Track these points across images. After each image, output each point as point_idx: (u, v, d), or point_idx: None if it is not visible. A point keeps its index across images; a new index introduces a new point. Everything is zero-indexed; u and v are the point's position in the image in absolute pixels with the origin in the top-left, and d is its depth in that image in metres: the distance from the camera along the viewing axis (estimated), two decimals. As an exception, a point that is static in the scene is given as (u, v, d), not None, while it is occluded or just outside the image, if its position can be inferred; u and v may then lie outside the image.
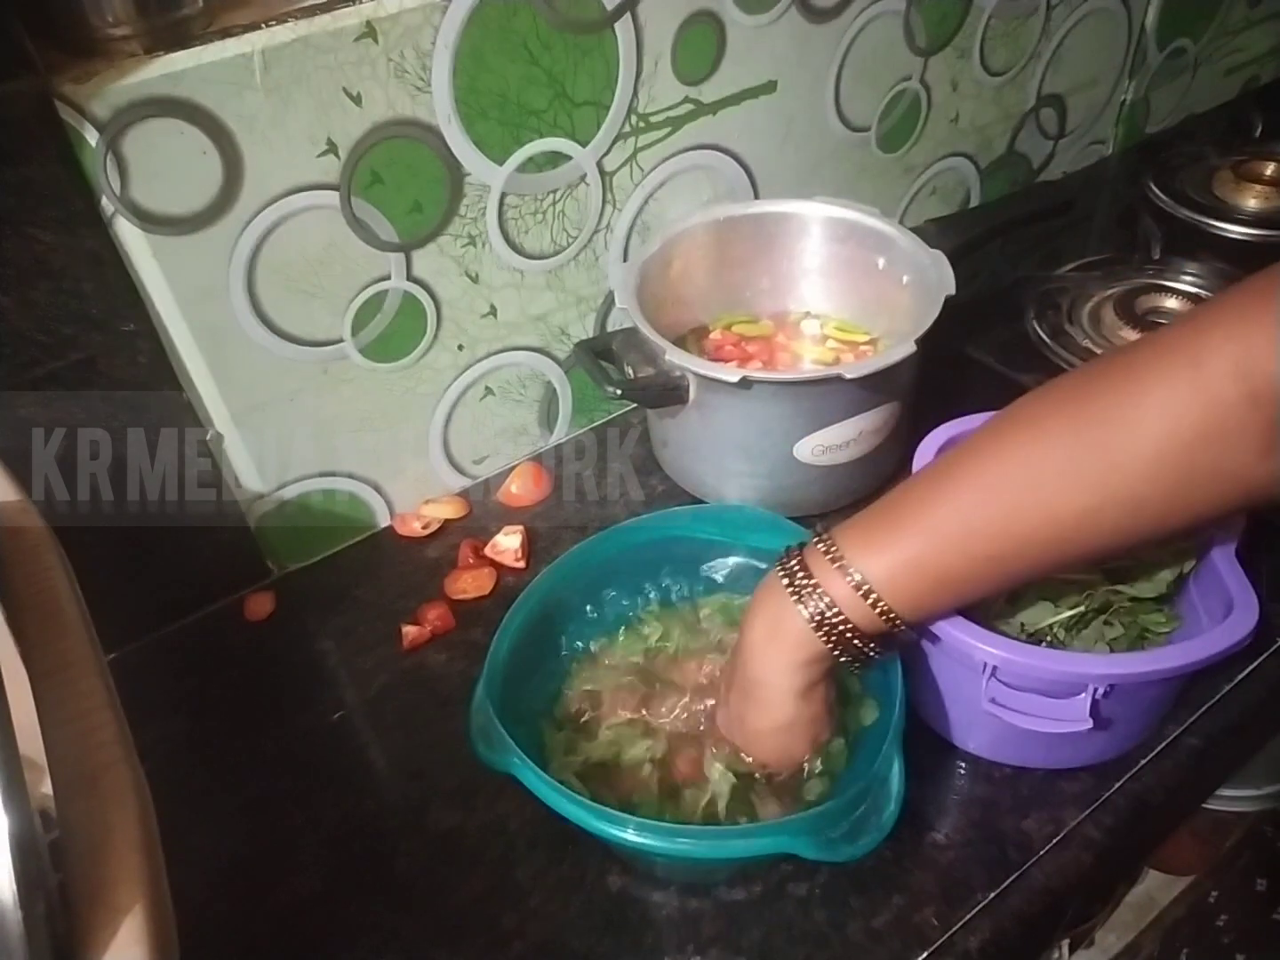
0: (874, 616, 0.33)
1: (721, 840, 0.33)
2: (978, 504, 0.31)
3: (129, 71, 0.36)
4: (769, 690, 0.35)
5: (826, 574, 0.33)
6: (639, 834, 0.31)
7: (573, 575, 0.41)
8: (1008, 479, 0.31)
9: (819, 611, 0.33)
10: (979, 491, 0.31)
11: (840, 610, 0.33)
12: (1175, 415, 0.28)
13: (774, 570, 0.35)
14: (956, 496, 0.32)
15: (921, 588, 0.33)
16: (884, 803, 0.33)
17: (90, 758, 0.22)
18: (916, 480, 0.34)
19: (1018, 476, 0.31)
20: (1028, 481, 0.30)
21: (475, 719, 0.36)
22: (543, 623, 0.40)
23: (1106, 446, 0.29)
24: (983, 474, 0.31)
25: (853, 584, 0.33)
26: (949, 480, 0.33)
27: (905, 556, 0.32)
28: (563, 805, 0.32)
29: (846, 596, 0.33)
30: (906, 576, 0.32)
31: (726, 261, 0.57)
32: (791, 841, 0.31)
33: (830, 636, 0.33)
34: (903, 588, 0.33)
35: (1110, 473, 0.29)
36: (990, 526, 0.31)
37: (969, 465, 0.32)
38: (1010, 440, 0.32)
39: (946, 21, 0.61)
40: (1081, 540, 0.31)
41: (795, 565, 0.34)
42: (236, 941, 0.37)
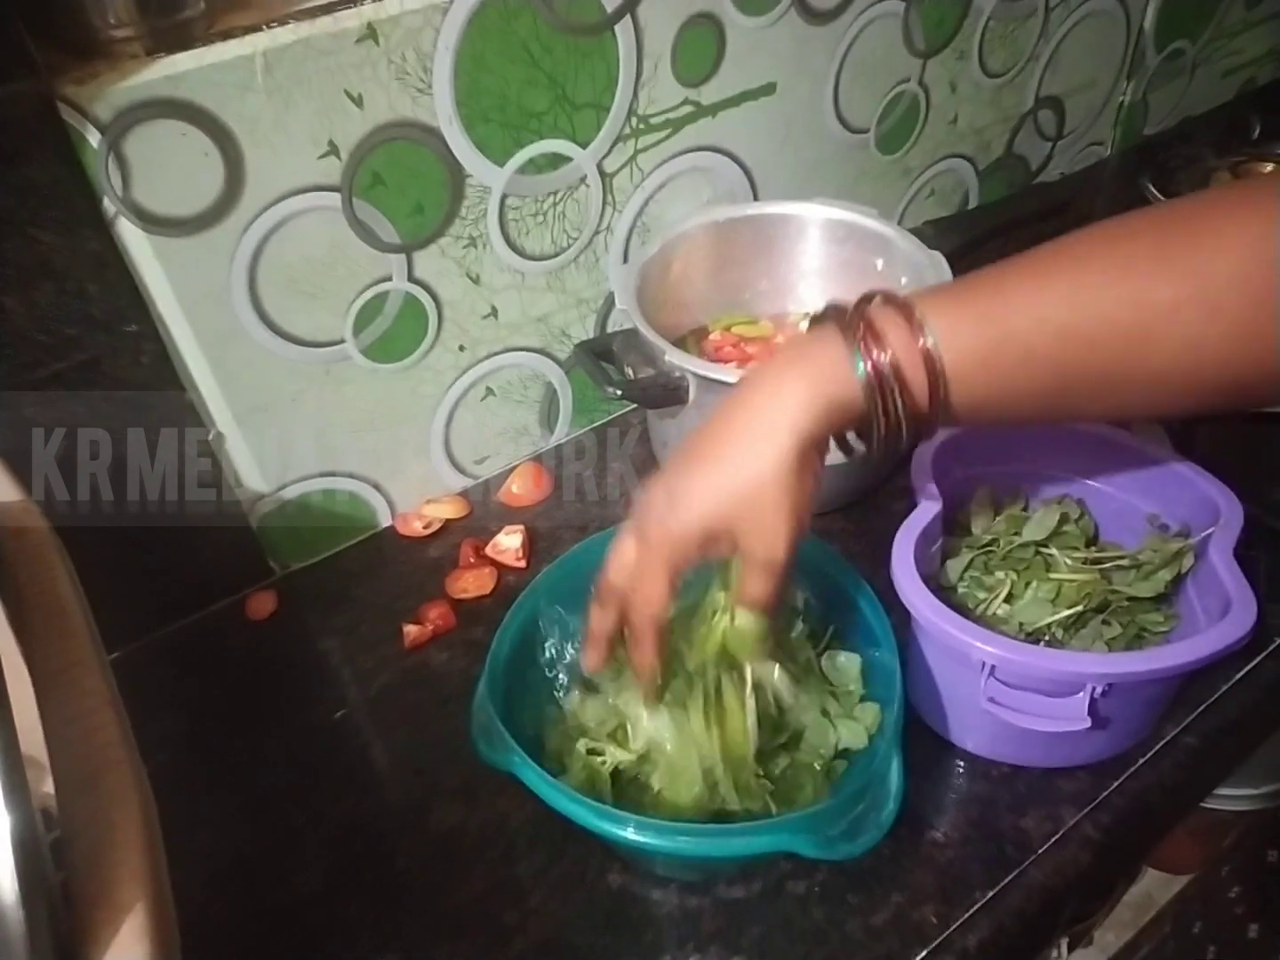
0: (926, 389, 0.30)
1: (721, 839, 0.33)
2: (1071, 293, 0.30)
3: (131, 73, 0.36)
4: (761, 439, 0.31)
5: (898, 331, 0.30)
6: (639, 833, 0.31)
7: (574, 575, 0.41)
8: (1103, 273, 0.30)
9: (880, 367, 0.30)
10: (1073, 284, 0.30)
11: (903, 370, 0.30)
12: (1255, 238, 0.28)
13: (827, 325, 0.32)
14: (1051, 283, 0.30)
15: (989, 372, 0.30)
16: (883, 801, 0.33)
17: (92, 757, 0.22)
18: (1001, 267, 0.32)
19: (1111, 270, 0.30)
20: (1120, 272, 0.29)
21: (476, 718, 0.36)
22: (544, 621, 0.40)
23: (1193, 252, 0.29)
24: (1078, 269, 0.30)
25: (925, 345, 0.30)
26: (1042, 269, 0.31)
27: (987, 332, 0.30)
28: (563, 804, 0.32)
29: (912, 359, 0.30)
30: (980, 353, 0.30)
31: (726, 263, 0.57)
32: (791, 840, 0.31)
33: (879, 397, 0.30)
34: (970, 365, 0.30)
35: (1195, 272, 0.28)
36: (1082, 314, 0.30)
37: (1062, 261, 0.31)
38: (1101, 243, 0.31)
39: (945, 23, 0.61)
40: (1158, 348, 0.29)
41: (855, 318, 0.31)
42: (238, 939, 0.37)
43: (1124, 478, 0.44)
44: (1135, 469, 0.43)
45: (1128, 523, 0.44)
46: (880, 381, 0.30)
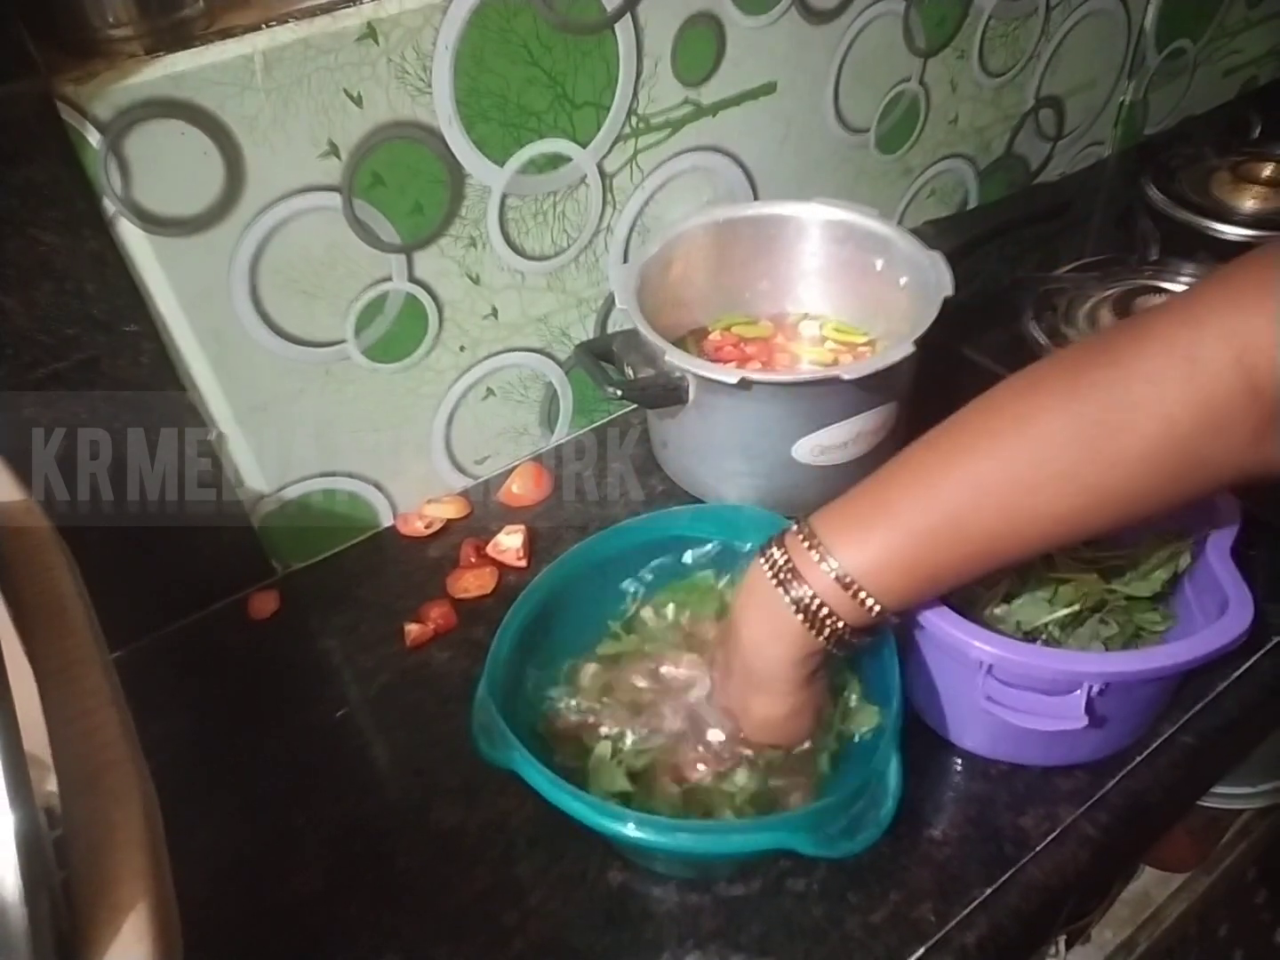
0: (857, 606, 0.33)
1: (720, 836, 0.33)
2: (968, 503, 0.31)
3: (130, 72, 0.36)
4: (774, 683, 0.35)
5: (806, 564, 0.33)
6: (639, 829, 0.31)
7: (573, 574, 0.42)
8: (1001, 481, 0.30)
9: (803, 601, 0.33)
10: (969, 491, 0.31)
11: (823, 601, 0.32)
12: (1171, 411, 0.28)
13: (757, 559, 0.35)
14: (945, 493, 0.31)
15: (905, 579, 0.32)
16: (882, 799, 0.33)
17: (95, 756, 0.22)
18: (899, 467, 0.33)
19: (1011, 478, 0.30)
20: (1022, 485, 0.30)
21: (477, 716, 0.36)
22: (544, 621, 0.40)
23: (1102, 448, 0.29)
24: (974, 473, 0.31)
25: (833, 575, 0.32)
26: (936, 474, 0.32)
27: (888, 549, 0.32)
28: (565, 801, 0.32)
29: (828, 587, 0.32)
30: (889, 568, 0.32)
31: (726, 263, 0.57)
32: (789, 837, 0.31)
33: (815, 626, 0.33)
34: (886, 578, 0.32)
35: (1107, 472, 0.29)
36: (981, 525, 0.31)
37: (958, 460, 0.31)
38: (1001, 436, 0.31)
39: (945, 23, 0.61)
40: (1075, 534, 0.32)
41: (777, 554, 0.34)
42: (239, 938, 0.37)
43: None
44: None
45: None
46: (809, 614, 0.33)
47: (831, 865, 0.37)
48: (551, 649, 0.42)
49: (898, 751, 0.34)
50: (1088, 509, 0.30)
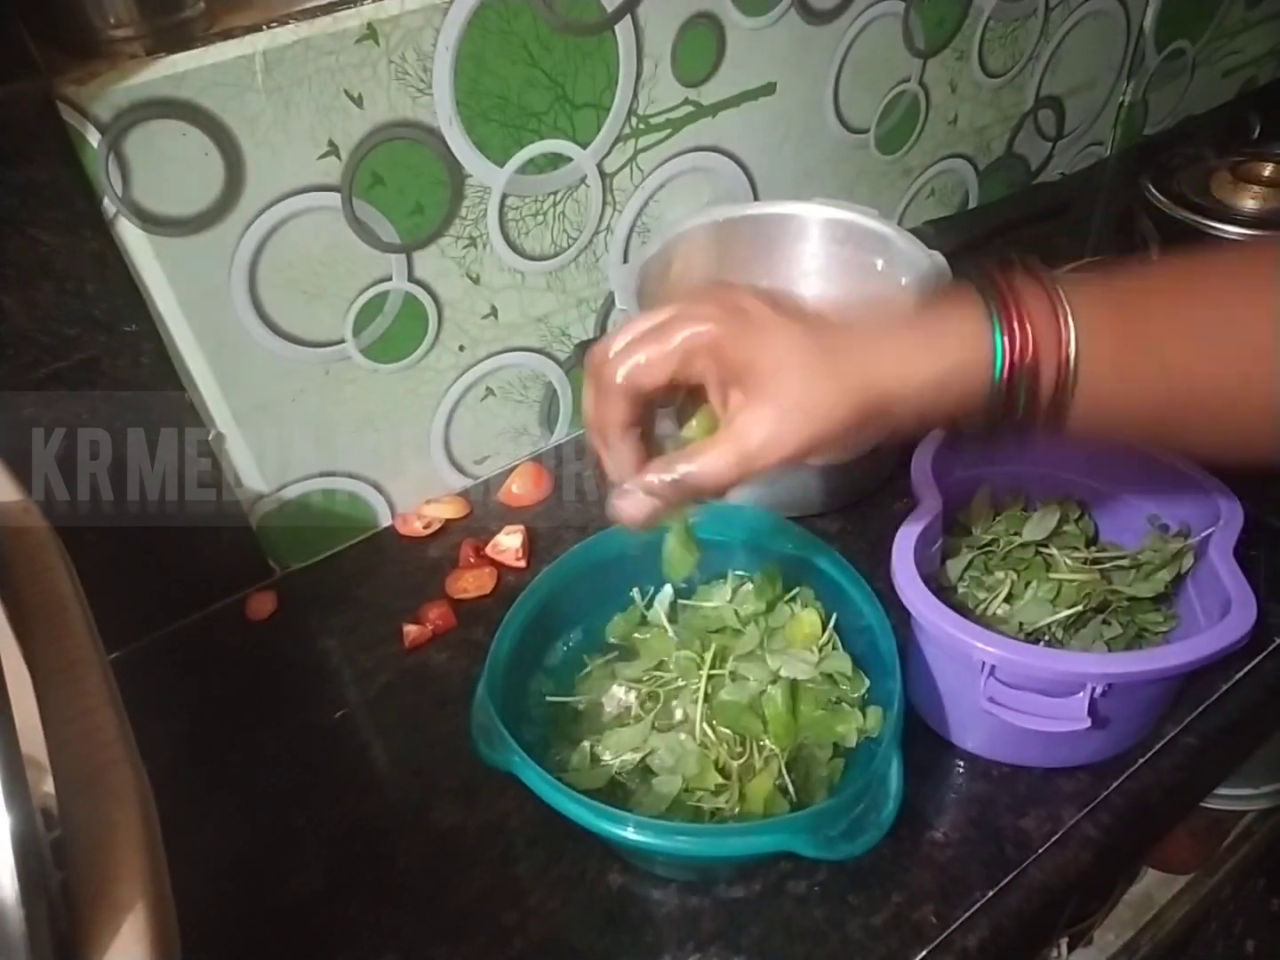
0: (1054, 386, 0.28)
1: (719, 839, 0.33)
2: (1214, 314, 0.28)
3: (131, 73, 0.36)
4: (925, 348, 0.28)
5: (1045, 319, 0.28)
6: (638, 832, 0.31)
7: (574, 574, 0.41)
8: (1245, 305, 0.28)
9: (1016, 349, 0.27)
10: (1214, 307, 0.28)
11: (1040, 374, 0.28)
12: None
13: (966, 285, 0.29)
14: (1194, 302, 0.28)
15: (1122, 382, 0.28)
16: (883, 801, 0.33)
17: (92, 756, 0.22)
18: (1141, 273, 0.30)
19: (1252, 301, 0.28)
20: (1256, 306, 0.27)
21: (476, 718, 0.36)
22: (544, 621, 0.40)
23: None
24: (1219, 293, 0.28)
25: (1068, 339, 0.27)
26: (1184, 285, 0.29)
27: (1129, 340, 0.28)
28: (564, 804, 0.32)
29: (1051, 349, 0.28)
30: (1117, 360, 0.28)
31: (726, 263, 0.57)
32: (790, 840, 0.31)
33: (1005, 382, 0.28)
34: (1104, 370, 0.28)
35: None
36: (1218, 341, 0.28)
37: (1203, 282, 0.29)
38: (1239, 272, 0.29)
39: (945, 23, 0.61)
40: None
41: (1003, 290, 0.28)
42: (238, 939, 0.37)
43: (1124, 477, 0.44)
44: (1135, 469, 0.43)
45: (1127, 523, 0.44)
46: (1011, 387, 0.28)
47: (832, 867, 0.37)
48: (552, 650, 0.42)
49: (899, 753, 0.34)
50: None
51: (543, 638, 0.40)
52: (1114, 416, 0.30)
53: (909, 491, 0.41)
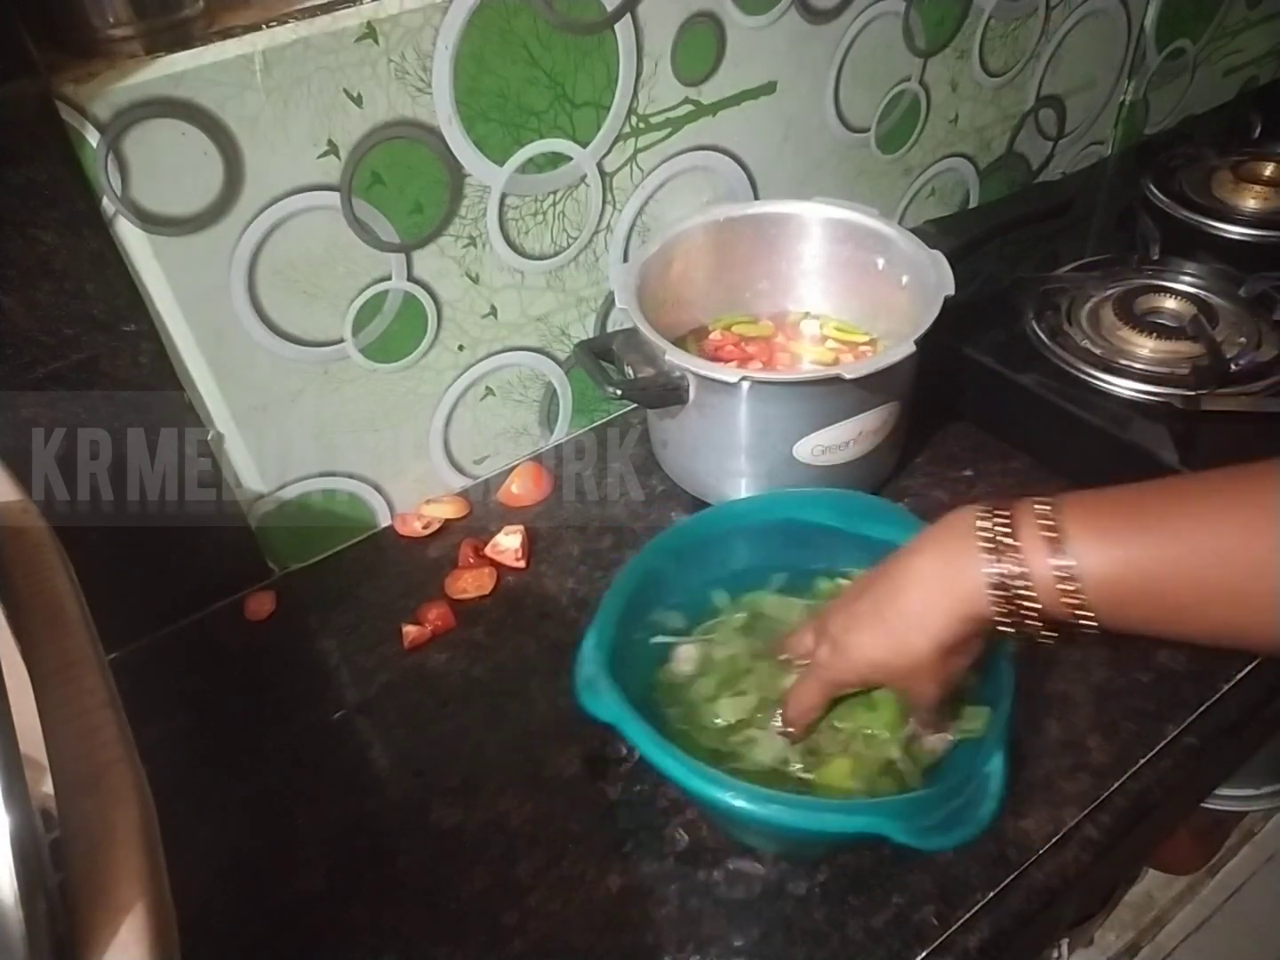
0: (1063, 605, 0.29)
1: (815, 812, 0.32)
2: (1211, 564, 0.28)
3: (130, 72, 0.36)
4: (913, 629, 0.32)
5: (1034, 544, 0.29)
6: (735, 797, 0.31)
7: (682, 546, 0.41)
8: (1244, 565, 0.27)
9: (1008, 577, 0.30)
10: (1213, 555, 0.28)
11: (1032, 587, 0.29)
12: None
13: (972, 510, 0.32)
14: (1197, 541, 0.28)
15: (1136, 599, 0.29)
16: (983, 799, 0.32)
17: (91, 757, 0.22)
18: (1172, 485, 0.31)
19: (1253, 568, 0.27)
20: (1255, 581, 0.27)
21: (582, 669, 0.36)
22: (647, 589, 0.40)
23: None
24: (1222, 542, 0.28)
25: (1058, 565, 0.29)
26: (1173, 508, 0.29)
27: (1133, 554, 0.28)
28: (664, 761, 0.32)
29: (1045, 577, 0.29)
30: (1124, 580, 0.29)
31: (726, 262, 0.57)
32: (883, 823, 0.31)
33: (1004, 606, 0.30)
34: (1114, 590, 0.29)
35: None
36: (1206, 590, 0.28)
37: (1241, 506, 0.28)
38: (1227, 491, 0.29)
39: (946, 23, 0.61)
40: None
41: (1001, 519, 0.31)
42: (238, 939, 0.37)
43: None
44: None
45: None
46: (1007, 592, 0.30)
47: (833, 868, 0.37)
48: (655, 612, 0.41)
49: (1003, 750, 0.33)
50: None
51: (644, 604, 0.40)
52: (1158, 625, 0.30)
53: (911, 489, 0.41)
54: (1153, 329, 0.55)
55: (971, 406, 0.58)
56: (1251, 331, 0.56)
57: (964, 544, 0.31)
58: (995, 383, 0.56)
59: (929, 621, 0.32)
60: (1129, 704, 0.42)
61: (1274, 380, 0.51)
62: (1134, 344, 0.55)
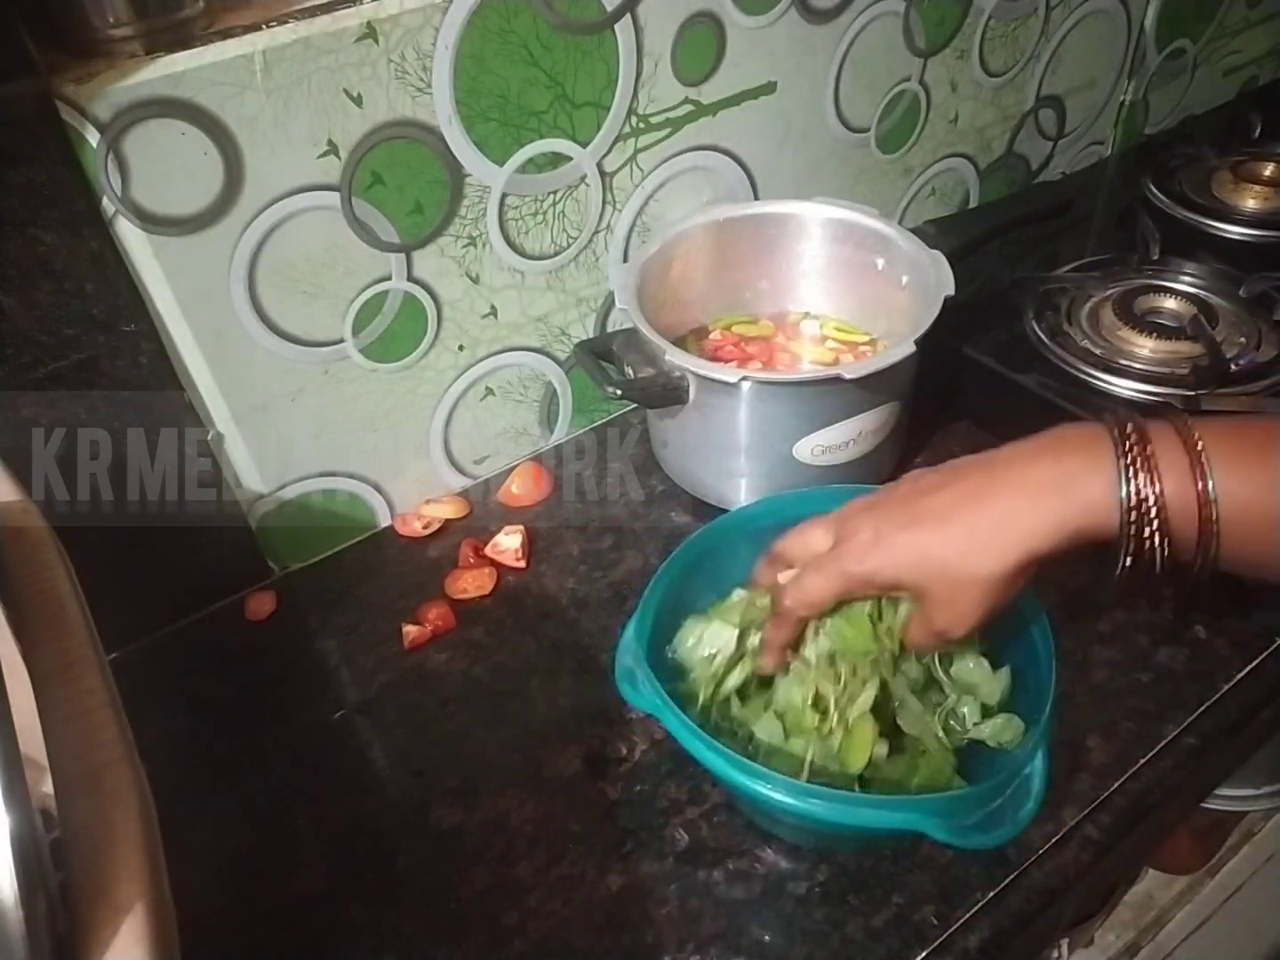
0: (1195, 532, 0.28)
1: (852, 807, 0.31)
2: None
3: (130, 72, 0.36)
4: (1004, 533, 0.30)
5: (1174, 459, 0.28)
6: (773, 790, 0.31)
7: (727, 538, 0.41)
8: None
9: (1142, 499, 0.28)
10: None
11: (1166, 508, 0.28)
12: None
13: (1098, 424, 0.30)
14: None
15: (1266, 529, 0.28)
16: (1024, 799, 0.32)
17: (91, 756, 0.22)
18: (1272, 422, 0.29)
19: None
20: None
21: (621, 660, 0.36)
22: (692, 579, 0.40)
23: None
24: None
25: (1201, 488, 0.27)
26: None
27: (1269, 496, 0.27)
28: (702, 752, 0.32)
29: (1184, 498, 0.28)
30: (1262, 510, 0.27)
31: (726, 262, 0.57)
32: (923, 820, 0.31)
33: (1129, 527, 0.28)
34: (1247, 519, 0.28)
35: None
36: None
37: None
38: None
39: (945, 23, 0.61)
40: None
41: (1133, 435, 0.29)
42: (238, 939, 0.37)
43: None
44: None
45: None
46: (1138, 512, 0.28)
47: (833, 868, 0.37)
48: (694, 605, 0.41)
49: (1045, 752, 0.33)
50: None
51: (688, 594, 0.39)
52: (1253, 558, 0.29)
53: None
54: (1153, 329, 0.55)
55: (971, 406, 0.58)
56: (1251, 331, 0.56)
57: (1091, 456, 0.29)
58: (995, 383, 0.56)
59: (1028, 529, 0.29)
60: (1129, 704, 0.42)
61: (1274, 380, 0.51)
62: (1134, 344, 0.55)
